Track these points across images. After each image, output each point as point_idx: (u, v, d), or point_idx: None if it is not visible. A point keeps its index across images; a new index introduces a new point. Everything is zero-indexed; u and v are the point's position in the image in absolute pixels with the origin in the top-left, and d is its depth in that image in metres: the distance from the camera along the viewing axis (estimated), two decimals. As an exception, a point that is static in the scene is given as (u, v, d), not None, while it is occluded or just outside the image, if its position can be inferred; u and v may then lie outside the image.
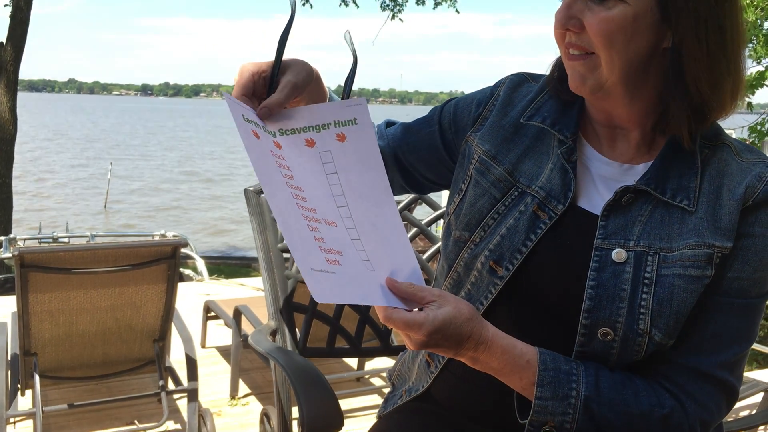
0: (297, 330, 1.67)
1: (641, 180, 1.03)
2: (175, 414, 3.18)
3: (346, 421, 1.31)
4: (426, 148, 1.25)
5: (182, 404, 3.19)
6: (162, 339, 2.85)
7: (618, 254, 1.01)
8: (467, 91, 1.27)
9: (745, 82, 1.05)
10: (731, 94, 1.01)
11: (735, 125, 7.37)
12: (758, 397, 2.69)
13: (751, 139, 7.17)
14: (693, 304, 0.98)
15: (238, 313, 3.36)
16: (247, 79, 0.98)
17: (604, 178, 1.08)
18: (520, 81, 1.20)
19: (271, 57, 1.00)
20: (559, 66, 1.13)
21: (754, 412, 2.92)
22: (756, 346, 4.13)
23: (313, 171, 0.97)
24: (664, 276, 0.99)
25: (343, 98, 1.08)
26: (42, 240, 6.93)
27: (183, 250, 2.78)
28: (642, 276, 0.99)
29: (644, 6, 0.96)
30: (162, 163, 31.91)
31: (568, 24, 0.99)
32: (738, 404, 2.77)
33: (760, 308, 1.02)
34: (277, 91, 0.98)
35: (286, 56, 1.01)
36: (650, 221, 1.02)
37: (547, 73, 1.16)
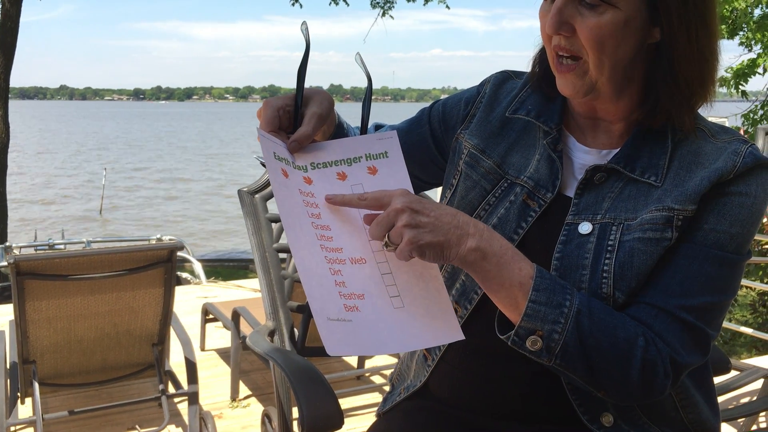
0: (295, 330, 1.67)
1: (612, 160, 1.06)
2: (176, 418, 3.17)
3: (346, 419, 1.31)
4: (417, 149, 1.27)
5: (183, 408, 3.19)
6: (161, 343, 2.85)
7: (584, 227, 1.04)
8: (460, 87, 1.29)
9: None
10: (713, 84, 1.04)
11: (728, 113, 7.40)
12: (758, 384, 2.68)
13: (745, 127, 7.20)
14: (654, 265, 0.99)
15: (236, 315, 3.36)
16: (272, 114, 0.99)
17: (584, 166, 1.09)
18: (504, 78, 1.23)
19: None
20: (540, 61, 1.14)
21: (754, 398, 2.92)
22: (756, 333, 4.13)
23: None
24: (625, 241, 1.01)
25: (363, 119, 1.09)
26: (38, 247, 6.89)
27: (179, 253, 2.78)
28: (605, 244, 1.02)
29: (634, 9, 0.98)
30: (157, 167, 31.84)
31: (560, 29, 1.00)
32: (738, 391, 2.77)
33: (737, 264, 1.01)
34: (304, 123, 0.99)
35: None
36: (619, 197, 1.05)
37: (528, 69, 1.18)
